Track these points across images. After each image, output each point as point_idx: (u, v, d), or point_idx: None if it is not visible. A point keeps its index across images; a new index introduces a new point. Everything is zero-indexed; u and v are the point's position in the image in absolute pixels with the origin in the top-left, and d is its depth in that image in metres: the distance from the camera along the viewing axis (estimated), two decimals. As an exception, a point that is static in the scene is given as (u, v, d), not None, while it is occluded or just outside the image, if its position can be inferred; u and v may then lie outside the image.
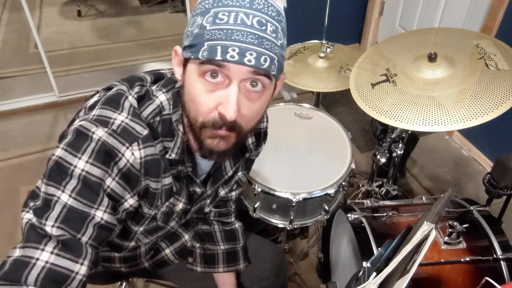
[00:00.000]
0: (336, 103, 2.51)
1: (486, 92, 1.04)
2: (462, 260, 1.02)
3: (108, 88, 0.75)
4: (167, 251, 1.02)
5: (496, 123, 1.12)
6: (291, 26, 2.73)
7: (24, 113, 2.41)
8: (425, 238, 0.70)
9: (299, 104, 1.38)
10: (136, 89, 0.73)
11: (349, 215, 1.15)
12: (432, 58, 1.15)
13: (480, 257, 1.02)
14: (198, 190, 0.86)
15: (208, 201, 0.95)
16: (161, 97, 0.73)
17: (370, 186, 1.70)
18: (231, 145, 0.71)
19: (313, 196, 1.09)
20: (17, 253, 0.60)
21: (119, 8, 3.64)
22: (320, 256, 1.53)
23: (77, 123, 0.66)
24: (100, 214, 0.65)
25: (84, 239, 0.64)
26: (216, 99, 0.65)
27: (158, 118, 0.72)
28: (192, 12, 0.68)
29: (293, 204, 1.08)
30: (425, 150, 2.20)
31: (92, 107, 0.70)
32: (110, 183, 0.66)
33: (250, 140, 0.91)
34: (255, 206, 1.15)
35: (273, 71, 0.65)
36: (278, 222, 1.17)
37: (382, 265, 0.75)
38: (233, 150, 0.73)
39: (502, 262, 1.01)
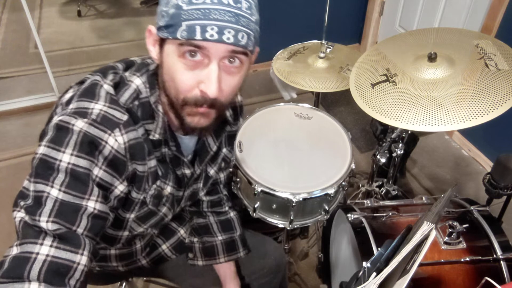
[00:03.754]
0: (336, 103, 2.51)
1: (486, 92, 1.04)
2: (462, 260, 1.02)
3: (82, 82, 0.75)
4: (164, 247, 1.02)
5: (496, 123, 1.12)
6: (291, 26, 2.73)
7: (24, 113, 2.41)
8: (425, 238, 0.70)
9: (299, 104, 1.38)
10: (110, 76, 0.73)
11: (349, 215, 1.15)
12: (432, 58, 1.15)
13: (480, 257, 1.02)
14: (187, 172, 0.87)
15: (200, 185, 0.95)
16: (136, 81, 0.74)
17: (370, 186, 1.70)
18: (212, 121, 0.73)
19: (313, 196, 1.09)
20: (15, 250, 0.60)
21: (119, 8, 3.64)
22: (320, 256, 1.53)
23: (56, 119, 0.67)
24: (92, 204, 0.65)
25: (80, 230, 0.64)
26: (197, 77, 0.66)
27: (136, 102, 0.73)
28: None
29: (293, 204, 1.08)
30: (425, 150, 2.20)
31: (68, 102, 0.71)
32: (98, 172, 0.66)
33: (228, 113, 0.93)
34: (255, 206, 1.14)
35: (250, 47, 0.67)
36: (278, 222, 1.17)
37: (382, 265, 0.75)
38: (214, 125, 0.75)
39: (502, 262, 1.01)
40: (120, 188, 0.71)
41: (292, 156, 1.19)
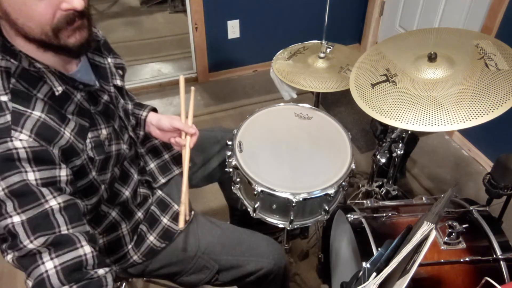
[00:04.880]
0: (336, 103, 2.51)
1: (486, 92, 1.04)
2: (461, 260, 1.02)
3: None
4: (151, 238, 1.02)
5: (496, 123, 1.12)
6: (291, 26, 2.74)
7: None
8: (425, 238, 0.70)
9: (299, 104, 1.38)
10: None
11: (349, 215, 1.15)
12: (432, 58, 1.15)
13: (480, 257, 1.02)
14: (106, 98, 0.85)
15: (121, 99, 0.94)
16: None
17: (370, 186, 1.70)
18: (90, 30, 0.72)
19: (313, 196, 1.09)
20: (30, 284, 0.63)
21: (119, 8, 3.64)
22: (320, 256, 1.53)
23: None
24: (54, 202, 0.66)
25: (64, 228, 0.65)
26: (52, 1, 0.64)
27: (13, 80, 0.68)
28: None
29: (293, 204, 1.08)
30: (425, 150, 2.20)
31: None
32: (33, 176, 0.65)
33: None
34: (255, 206, 1.15)
35: None
36: (278, 222, 1.17)
37: (382, 265, 0.75)
38: (92, 34, 0.74)
39: (502, 262, 1.01)
40: (63, 173, 0.70)
41: (292, 156, 1.19)
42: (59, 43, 0.69)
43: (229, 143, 1.22)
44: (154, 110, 1.10)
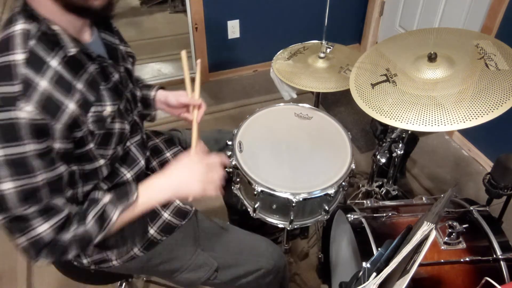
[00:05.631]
0: (336, 103, 2.51)
1: (486, 92, 1.04)
2: (462, 260, 1.02)
3: None
4: (152, 231, 1.01)
5: (496, 123, 1.12)
6: (291, 26, 2.74)
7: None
8: (425, 238, 0.71)
9: (299, 104, 1.38)
10: None
11: (349, 215, 1.15)
12: (432, 58, 1.15)
13: (480, 257, 1.02)
14: (117, 77, 0.87)
15: (130, 85, 0.96)
16: (17, 27, 0.72)
17: (370, 186, 1.70)
18: None
19: (313, 196, 1.09)
20: (23, 243, 0.74)
21: (119, 8, 3.64)
22: (320, 256, 1.53)
23: None
24: (44, 176, 0.72)
25: (50, 199, 0.74)
26: None
27: (32, 41, 0.71)
28: None
29: (293, 204, 1.08)
30: (425, 150, 2.20)
31: None
32: (30, 147, 0.69)
33: None
34: (255, 206, 1.15)
35: None
36: (278, 222, 1.17)
37: (382, 265, 0.75)
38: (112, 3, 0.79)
39: (502, 262, 1.01)
40: (57, 146, 0.72)
41: (292, 156, 1.19)
42: (84, 3, 0.72)
43: (229, 143, 1.22)
44: (162, 88, 1.14)
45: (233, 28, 2.58)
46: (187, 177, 0.89)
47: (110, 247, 0.98)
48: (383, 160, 1.50)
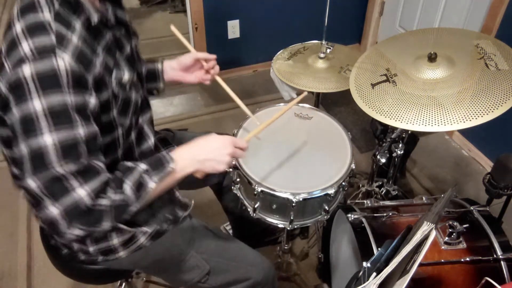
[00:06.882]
0: (336, 104, 2.51)
1: (486, 92, 1.04)
2: (462, 260, 1.02)
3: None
4: (161, 217, 1.01)
5: (496, 123, 1.12)
6: (291, 26, 2.72)
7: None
8: (425, 238, 0.71)
9: (299, 104, 1.38)
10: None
11: (349, 215, 1.15)
12: (432, 58, 1.15)
13: (480, 257, 1.02)
14: (128, 48, 0.91)
15: (137, 62, 0.98)
16: None
17: (370, 186, 1.70)
18: None
19: (313, 196, 1.09)
20: (60, 209, 0.70)
21: (119, 8, 3.65)
22: (320, 256, 1.53)
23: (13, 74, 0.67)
24: (82, 130, 0.71)
25: (87, 159, 0.72)
26: None
27: (57, 4, 0.72)
28: None
29: (293, 204, 1.08)
30: (425, 150, 2.20)
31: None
32: (70, 98, 0.69)
33: None
34: (255, 206, 1.15)
35: None
36: (278, 222, 1.17)
37: (382, 265, 0.75)
38: None
39: (502, 262, 1.01)
40: (93, 101, 0.73)
41: (292, 156, 1.19)
42: None
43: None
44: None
45: (233, 28, 2.58)
46: (215, 149, 0.92)
47: (117, 235, 0.95)
48: (383, 160, 1.50)
